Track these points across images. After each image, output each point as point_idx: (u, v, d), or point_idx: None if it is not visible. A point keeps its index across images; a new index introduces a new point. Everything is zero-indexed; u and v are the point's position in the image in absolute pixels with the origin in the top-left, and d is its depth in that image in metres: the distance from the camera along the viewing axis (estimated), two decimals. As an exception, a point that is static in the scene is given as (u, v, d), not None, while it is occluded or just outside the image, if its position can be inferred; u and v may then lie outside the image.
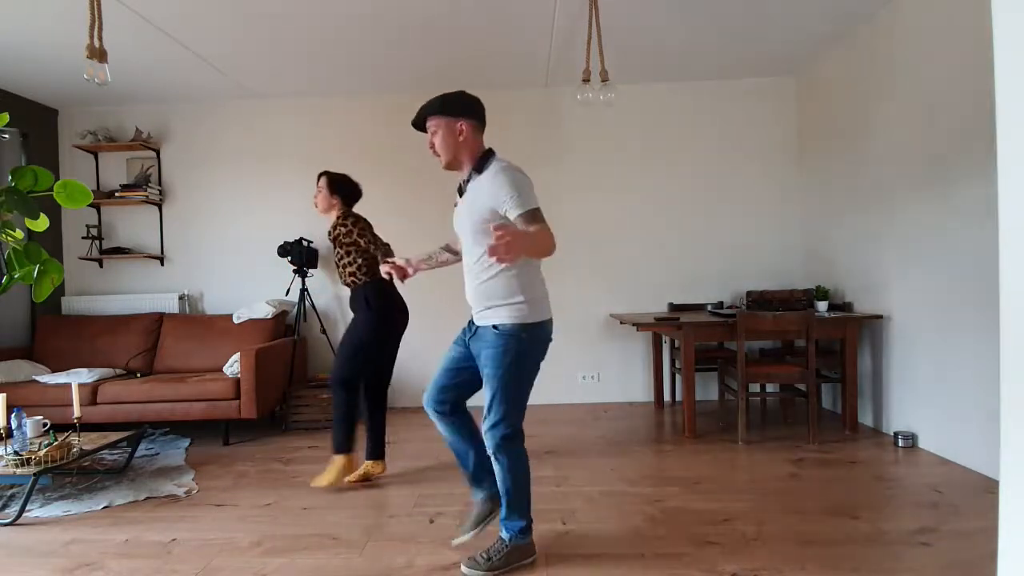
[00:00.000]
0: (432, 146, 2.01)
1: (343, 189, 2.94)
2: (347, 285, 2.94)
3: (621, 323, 4.26)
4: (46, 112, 4.59)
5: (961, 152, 2.85)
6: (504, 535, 2.02)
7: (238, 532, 2.36)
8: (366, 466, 2.92)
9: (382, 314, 2.87)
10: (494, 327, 1.94)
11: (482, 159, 1.98)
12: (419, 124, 2.04)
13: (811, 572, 1.91)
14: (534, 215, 1.83)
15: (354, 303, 2.94)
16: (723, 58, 4.14)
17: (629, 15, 3.41)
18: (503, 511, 2.03)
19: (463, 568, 1.98)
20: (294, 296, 4.48)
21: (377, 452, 2.96)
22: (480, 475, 2.13)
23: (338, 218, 2.90)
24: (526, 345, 1.94)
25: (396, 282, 2.50)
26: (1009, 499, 0.95)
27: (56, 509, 2.65)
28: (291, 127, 4.67)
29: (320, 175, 2.95)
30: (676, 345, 4.23)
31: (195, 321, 4.40)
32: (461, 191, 2.04)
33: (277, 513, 2.55)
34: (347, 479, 2.84)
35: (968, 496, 2.51)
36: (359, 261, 2.87)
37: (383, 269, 2.29)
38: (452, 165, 2.01)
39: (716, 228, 4.59)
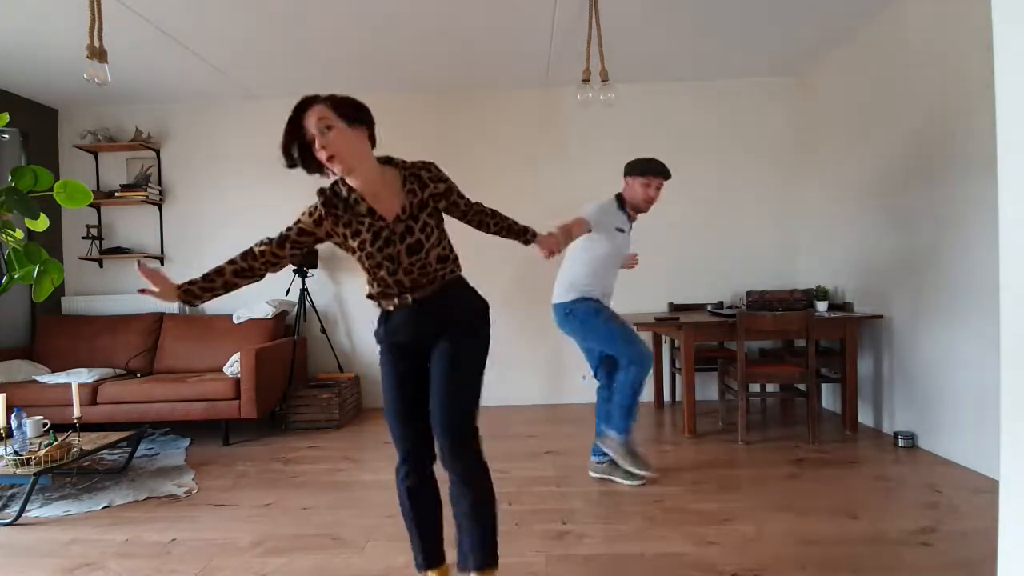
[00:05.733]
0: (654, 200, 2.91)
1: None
2: None
3: (621, 323, 4.26)
4: (46, 112, 4.59)
5: (961, 152, 2.85)
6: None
7: (238, 532, 2.36)
8: None
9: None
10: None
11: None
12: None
13: (811, 572, 1.91)
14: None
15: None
16: (723, 58, 4.14)
17: (629, 15, 3.41)
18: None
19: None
20: (294, 296, 4.48)
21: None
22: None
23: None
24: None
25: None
26: (1009, 499, 0.95)
27: (56, 509, 2.65)
28: (291, 127, 4.66)
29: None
30: (676, 345, 4.23)
31: (195, 321, 4.39)
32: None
33: (277, 513, 2.55)
34: None
35: (968, 496, 2.50)
36: None
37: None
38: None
39: (716, 228, 4.58)
